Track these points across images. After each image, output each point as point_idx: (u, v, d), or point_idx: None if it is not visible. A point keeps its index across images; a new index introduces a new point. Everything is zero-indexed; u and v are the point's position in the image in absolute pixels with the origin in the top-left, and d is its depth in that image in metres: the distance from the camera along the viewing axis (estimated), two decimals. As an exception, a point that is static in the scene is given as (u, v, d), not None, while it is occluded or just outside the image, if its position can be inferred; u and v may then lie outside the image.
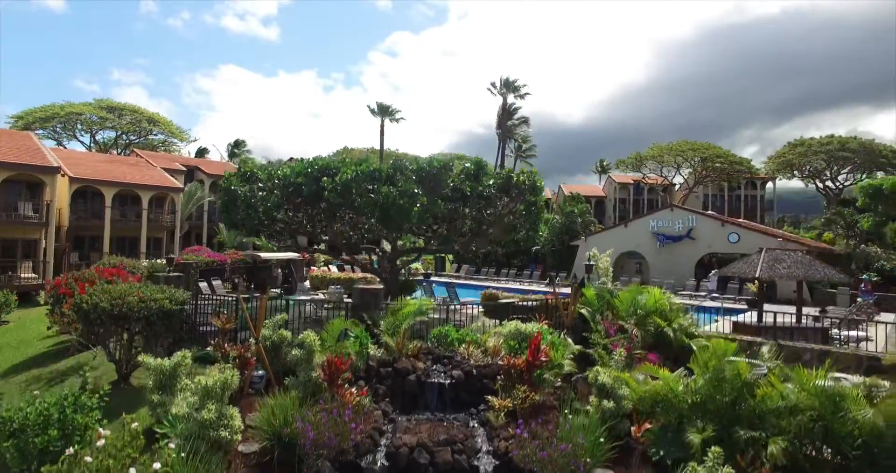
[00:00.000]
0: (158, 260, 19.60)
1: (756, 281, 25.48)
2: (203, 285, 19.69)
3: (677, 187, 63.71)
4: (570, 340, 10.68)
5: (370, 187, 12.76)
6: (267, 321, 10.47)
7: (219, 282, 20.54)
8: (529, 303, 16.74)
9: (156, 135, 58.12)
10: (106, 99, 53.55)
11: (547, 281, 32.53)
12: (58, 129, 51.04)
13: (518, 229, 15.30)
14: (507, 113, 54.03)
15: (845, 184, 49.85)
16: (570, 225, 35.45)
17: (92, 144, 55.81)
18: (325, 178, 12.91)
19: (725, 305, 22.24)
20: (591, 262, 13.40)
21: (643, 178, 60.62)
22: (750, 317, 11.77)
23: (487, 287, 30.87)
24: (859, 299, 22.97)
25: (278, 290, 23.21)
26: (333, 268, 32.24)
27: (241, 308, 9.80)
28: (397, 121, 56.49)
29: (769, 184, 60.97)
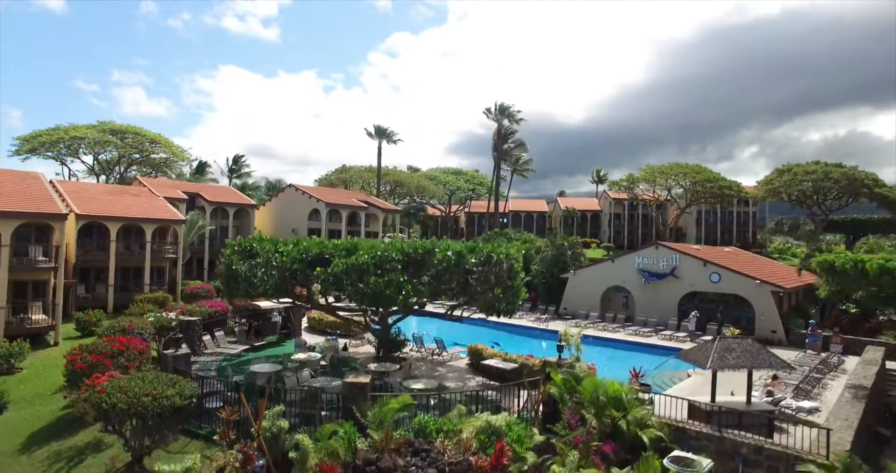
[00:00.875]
0: (165, 314, 20.85)
1: (731, 328, 26.80)
2: (207, 338, 21.02)
3: (672, 203, 64.99)
4: (535, 430, 11.96)
5: (359, 276, 14.02)
6: (266, 411, 11.75)
7: (221, 333, 21.82)
8: (509, 366, 18.22)
9: (157, 154, 59.38)
10: (109, 122, 54.84)
11: (538, 314, 33.92)
12: (62, 152, 52.35)
13: (498, 305, 16.63)
14: (502, 137, 55.20)
15: (832, 208, 51.11)
16: (560, 257, 36.69)
17: (95, 164, 57.12)
18: (319, 269, 14.19)
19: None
20: (562, 342, 14.62)
21: (637, 197, 61.91)
22: (704, 404, 12.97)
23: (479, 320, 32.24)
24: (808, 341, 24.32)
25: (277, 336, 24.56)
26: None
27: (243, 404, 11.05)
28: (395, 142, 57.74)
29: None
